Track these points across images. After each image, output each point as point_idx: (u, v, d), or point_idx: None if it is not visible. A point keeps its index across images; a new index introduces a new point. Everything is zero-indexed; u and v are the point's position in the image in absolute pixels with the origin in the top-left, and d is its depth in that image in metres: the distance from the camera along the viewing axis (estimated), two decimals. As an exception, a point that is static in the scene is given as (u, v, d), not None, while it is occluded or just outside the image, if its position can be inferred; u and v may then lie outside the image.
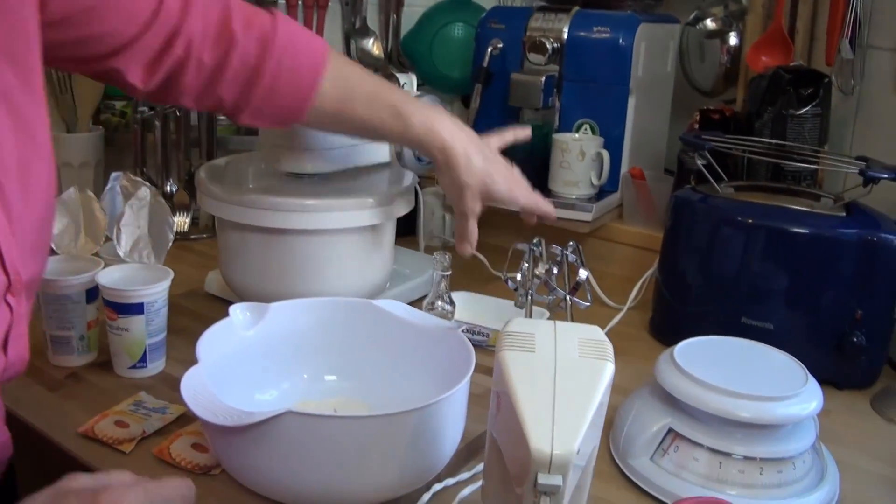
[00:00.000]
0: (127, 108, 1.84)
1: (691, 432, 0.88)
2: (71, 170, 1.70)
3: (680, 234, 1.22)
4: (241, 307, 0.97)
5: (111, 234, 1.13)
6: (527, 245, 1.15)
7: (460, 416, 0.86)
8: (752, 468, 0.86)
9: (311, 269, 1.13)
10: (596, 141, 1.45)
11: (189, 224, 1.65)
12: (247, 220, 1.10)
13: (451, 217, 1.63)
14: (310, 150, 1.14)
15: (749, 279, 1.14)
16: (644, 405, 0.94)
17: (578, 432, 0.61)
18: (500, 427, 0.69)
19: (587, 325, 0.71)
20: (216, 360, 0.88)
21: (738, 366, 0.93)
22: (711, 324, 1.15)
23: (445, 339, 0.94)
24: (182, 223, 1.64)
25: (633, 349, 1.22)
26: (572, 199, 1.45)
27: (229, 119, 1.01)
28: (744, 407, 0.86)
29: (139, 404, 1.00)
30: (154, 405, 1.00)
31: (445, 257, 1.11)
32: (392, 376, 0.99)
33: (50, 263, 1.11)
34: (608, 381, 0.66)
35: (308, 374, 1.01)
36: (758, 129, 1.38)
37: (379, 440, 0.78)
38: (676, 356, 0.92)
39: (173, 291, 1.33)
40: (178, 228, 1.63)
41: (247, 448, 0.79)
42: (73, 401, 1.01)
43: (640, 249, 1.48)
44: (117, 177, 1.22)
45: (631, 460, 0.91)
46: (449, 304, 1.12)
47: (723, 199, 1.19)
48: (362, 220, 1.13)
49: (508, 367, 0.66)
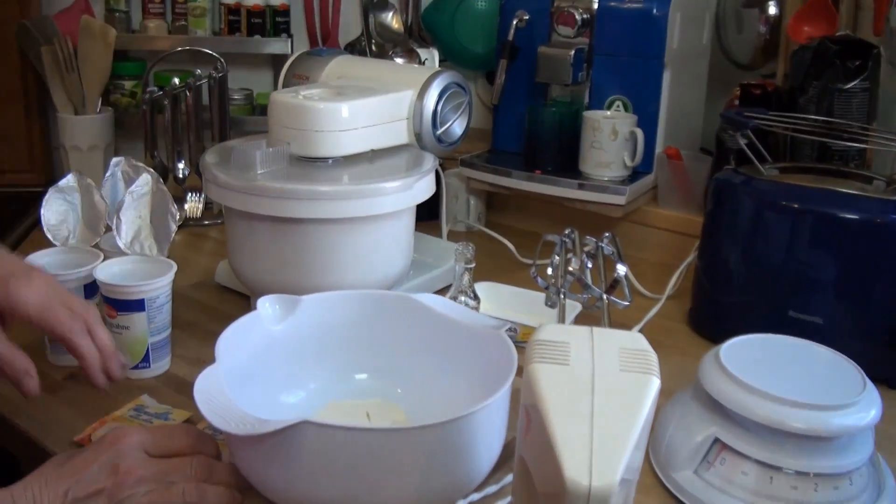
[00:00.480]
0: (137, 87, 1.77)
1: (739, 443, 0.81)
2: (79, 153, 1.65)
3: (721, 220, 1.14)
4: (270, 300, 0.92)
5: (111, 224, 1.05)
6: (558, 237, 1.07)
7: (499, 427, 0.79)
8: (805, 484, 0.78)
9: (324, 261, 1.06)
10: (629, 119, 1.38)
11: (202, 209, 1.59)
12: (255, 208, 1.03)
13: (477, 200, 1.56)
14: (323, 133, 1.07)
15: (795, 269, 1.06)
16: (687, 411, 0.87)
17: (620, 460, 0.54)
18: (530, 449, 0.61)
19: (628, 333, 0.63)
20: (238, 359, 0.84)
21: (790, 369, 0.86)
22: (755, 317, 1.10)
23: (486, 339, 0.88)
24: (195, 208, 1.58)
25: (671, 343, 1.16)
26: (604, 181, 1.39)
27: None
28: (797, 416, 0.78)
29: (140, 409, 0.93)
30: (156, 410, 0.93)
31: (468, 248, 1.03)
32: (427, 377, 0.93)
33: (47, 256, 1.05)
34: (653, 397, 0.58)
35: (338, 374, 0.95)
36: (802, 105, 1.30)
37: (407, 454, 0.72)
38: (723, 358, 0.85)
39: (183, 282, 1.28)
40: (190, 214, 1.58)
41: (262, 457, 0.74)
42: (71, 405, 0.95)
43: (677, 234, 1.41)
44: (118, 162, 1.14)
45: (674, 473, 0.84)
46: (472, 298, 1.05)
47: (767, 181, 1.11)
48: (380, 207, 1.06)
49: (540, 383, 0.58)
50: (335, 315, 0.95)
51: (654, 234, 1.45)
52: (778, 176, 1.13)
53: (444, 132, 1.18)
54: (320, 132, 1.07)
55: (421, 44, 1.66)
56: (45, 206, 1.08)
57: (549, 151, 1.44)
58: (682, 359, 1.08)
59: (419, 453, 0.72)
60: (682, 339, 1.17)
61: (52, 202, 1.08)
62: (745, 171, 1.13)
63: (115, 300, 0.97)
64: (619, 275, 1.01)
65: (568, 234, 1.08)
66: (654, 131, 1.41)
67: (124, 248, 1.04)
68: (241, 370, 0.85)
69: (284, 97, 1.08)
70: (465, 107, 1.21)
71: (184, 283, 1.28)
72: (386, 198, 1.06)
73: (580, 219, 1.38)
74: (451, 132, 1.20)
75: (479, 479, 0.79)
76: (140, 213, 1.06)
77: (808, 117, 1.21)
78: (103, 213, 1.09)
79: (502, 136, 1.56)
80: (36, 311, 0.82)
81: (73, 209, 1.10)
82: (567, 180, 1.39)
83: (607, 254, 1.07)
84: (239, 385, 0.81)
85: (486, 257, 1.41)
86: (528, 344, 0.62)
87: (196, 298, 1.24)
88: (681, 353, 1.11)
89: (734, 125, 1.16)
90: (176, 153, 1.57)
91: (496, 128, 1.57)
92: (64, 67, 1.60)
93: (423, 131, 1.16)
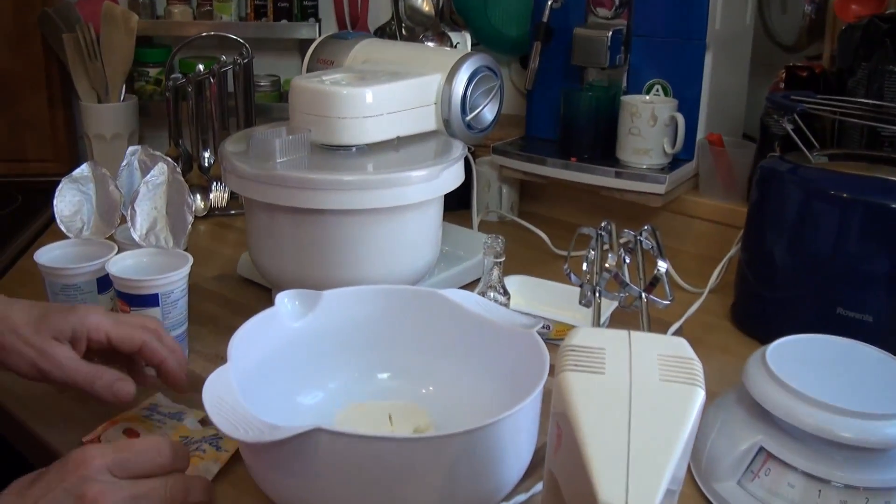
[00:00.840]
0: (162, 74, 1.73)
1: (786, 453, 0.75)
2: (103, 142, 1.62)
3: (766, 210, 1.08)
4: (289, 295, 0.87)
5: (126, 215, 1.01)
6: (593, 230, 1.01)
7: (529, 433, 0.74)
8: (856, 499, 0.73)
9: (347, 254, 1.02)
10: (669, 103, 1.33)
11: (227, 199, 1.55)
12: (275, 199, 0.99)
13: (509, 189, 1.51)
14: (346, 119, 1.02)
15: (845, 262, 1.00)
16: (730, 417, 0.81)
17: (660, 482, 0.48)
18: (560, 465, 0.56)
19: (669, 338, 0.58)
20: (254, 357, 0.81)
21: (839, 372, 0.80)
22: (800, 314, 1.05)
23: (517, 337, 0.83)
24: (220, 198, 1.54)
25: (712, 340, 1.10)
26: (643, 168, 1.34)
27: None
28: (847, 426, 0.72)
29: (153, 408, 0.89)
30: (170, 410, 0.89)
31: (498, 241, 0.98)
32: (454, 377, 0.89)
33: (58, 248, 1.01)
34: (697, 411, 0.52)
35: (359, 373, 0.91)
36: (851, 88, 1.24)
37: (428, 464, 0.67)
38: (769, 360, 0.79)
39: (205, 274, 1.24)
40: (215, 204, 1.54)
41: (274, 465, 0.70)
42: (81, 404, 0.91)
43: (719, 225, 1.36)
44: (135, 151, 1.11)
45: (715, 483, 0.78)
46: (502, 294, 0.99)
47: (815, 169, 1.05)
48: (406, 197, 1.01)
49: (572, 394, 0.53)
50: (357, 311, 0.90)
51: (694, 225, 1.39)
52: (826, 164, 1.07)
53: (473, 118, 1.13)
54: (343, 119, 1.02)
55: (453, 27, 1.62)
56: (58, 197, 1.04)
57: (585, 138, 1.39)
58: (724, 357, 1.03)
59: (442, 463, 0.67)
60: (724, 335, 1.12)
61: (65, 192, 1.05)
62: (792, 159, 1.08)
63: (128, 294, 0.93)
64: (660, 272, 0.95)
65: (604, 226, 1.02)
66: (695, 116, 1.35)
67: (139, 240, 1.01)
68: (257, 369, 0.81)
69: (306, 82, 1.04)
70: (497, 91, 1.16)
71: (206, 274, 1.25)
72: (412, 187, 1.01)
73: (617, 208, 1.32)
74: (482, 118, 1.15)
75: (508, 489, 0.74)
76: (156, 203, 1.02)
77: (858, 101, 1.15)
78: (118, 203, 1.06)
79: (536, 122, 1.51)
80: (114, 330, 0.82)
81: (87, 200, 1.06)
82: (604, 168, 1.35)
83: (646, 248, 1.01)
84: (254, 385, 0.78)
85: (519, 248, 1.37)
86: (560, 349, 0.57)
87: (217, 291, 1.20)
88: (722, 351, 1.06)
89: (781, 109, 1.10)
90: (201, 142, 1.53)
91: (530, 114, 1.52)
92: (86, 55, 1.57)
93: (452, 117, 1.11)
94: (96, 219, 1.06)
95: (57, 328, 0.81)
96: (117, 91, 1.62)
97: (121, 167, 1.10)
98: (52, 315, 0.82)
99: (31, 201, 1.57)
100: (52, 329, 0.81)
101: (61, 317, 0.82)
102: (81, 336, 0.82)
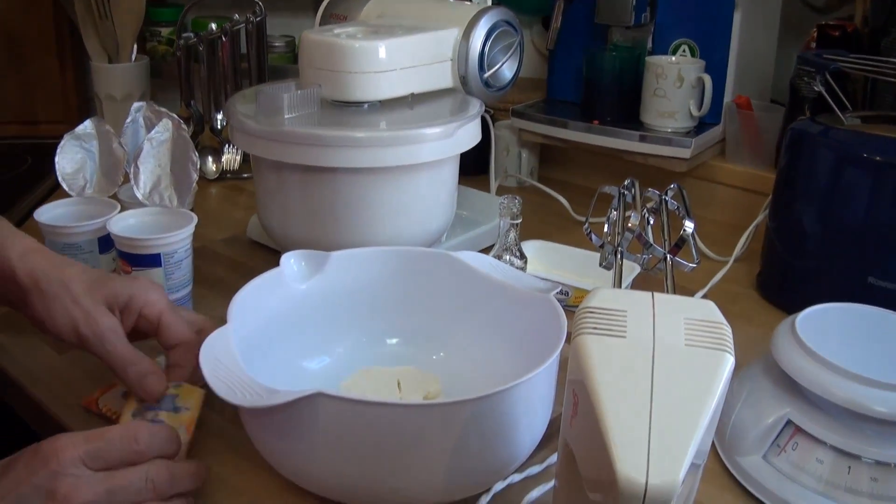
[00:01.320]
0: (174, 34, 1.69)
1: (814, 427, 0.71)
2: (113, 103, 1.58)
3: (796, 175, 1.03)
4: (296, 256, 0.84)
5: (129, 173, 0.98)
6: (616, 188, 0.97)
7: (544, 401, 0.71)
8: (888, 476, 0.68)
9: (358, 215, 0.98)
10: (696, 64, 1.28)
11: (240, 161, 1.51)
12: (283, 156, 0.95)
13: (529, 154, 1.46)
14: (357, 74, 0.98)
15: (878, 231, 0.96)
16: (757, 388, 0.77)
17: (684, 456, 0.45)
18: (576, 436, 0.52)
19: (697, 300, 0.54)
20: (258, 320, 0.78)
21: (872, 343, 0.75)
22: (830, 283, 1.01)
23: (533, 302, 0.79)
24: (232, 160, 1.50)
25: (738, 310, 1.06)
26: (668, 132, 1.30)
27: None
28: (880, 399, 0.68)
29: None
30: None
31: (515, 202, 0.94)
32: (466, 343, 0.86)
33: (60, 207, 0.98)
34: (725, 378, 0.48)
35: (368, 338, 0.88)
36: (884, 48, 1.20)
37: (436, 432, 0.63)
38: (799, 329, 0.75)
39: (214, 237, 1.21)
40: (227, 166, 1.50)
41: (274, 431, 0.67)
42: (79, 366, 0.88)
43: (746, 192, 1.32)
44: (139, 107, 1.07)
45: (739, 457, 0.74)
46: (519, 257, 0.95)
47: (848, 131, 1.00)
48: (419, 156, 0.97)
49: (590, 359, 0.49)
50: (366, 273, 0.87)
51: (720, 191, 1.35)
52: (860, 126, 1.02)
53: (491, 75, 1.08)
54: (355, 74, 0.98)
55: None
56: (59, 154, 1.01)
57: (609, 100, 1.34)
58: (750, 328, 0.99)
59: (451, 432, 0.63)
60: (750, 306, 1.08)
61: (67, 149, 1.01)
62: (824, 121, 1.03)
63: (130, 254, 0.90)
64: (686, 232, 0.90)
65: (627, 185, 0.98)
66: (722, 78, 1.31)
67: (142, 198, 0.97)
68: (261, 333, 0.78)
69: (316, 35, 0.99)
70: (516, 48, 1.11)
71: (215, 237, 1.22)
72: (426, 145, 0.96)
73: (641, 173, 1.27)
74: (500, 76, 1.11)
75: (521, 460, 0.71)
76: (160, 161, 0.98)
77: (892, 60, 1.09)
78: (122, 161, 1.02)
79: (558, 84, 1.47)
80: (169, 314, 0.77)
81: (90, 157, 1.03)
82: (627, 132, 1.30)
83: (672, 208, 0.96)
84: (257, 349, 0.75)
85: (538, 214, 1.33)
86: (578, 311, 0.53)
87: (226, 254, 1.17)
88: (748, 321, 1.02)
89: (813, 68, 1.05)
90: (213, 103, 1.49)
91: (551, 75, 1.48)
92: (97, 14, 1.53)
93: (469, 74, 1.06)
94: (99, 177, 1.03)
95: (113, 292, 0.75)
96: (128, 51, 1.58)
97: (126, 124, 1.06)
98: (110, 280, 0.76)
99: (40, 163, 1.54)
100: (108, 293, 0.75)
101: (121, 283, 0.76)
102: (135, 308, 0.76)
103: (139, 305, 0.76)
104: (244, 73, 1.50)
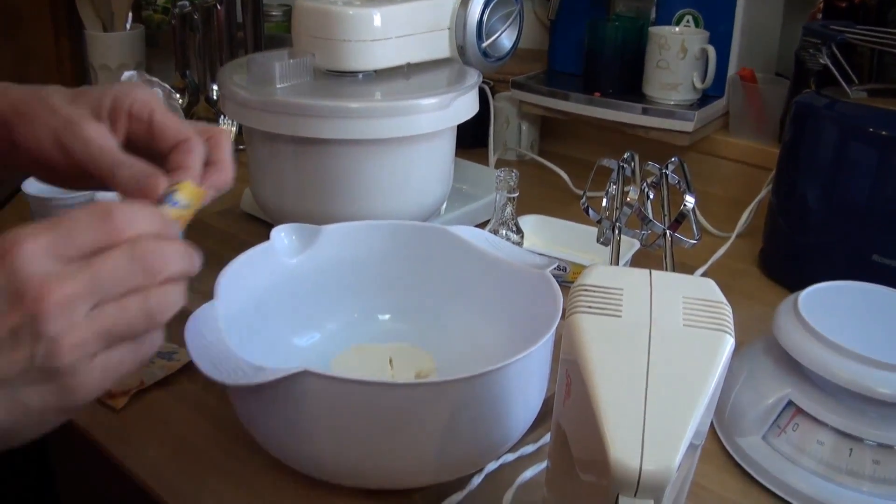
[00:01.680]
0: (169, 3, 1.67)
1: (816, 407, 0.70)
2: (108, 72, 1.57)
3: (800, 149, 1.02)
4: (286, 230, 0.83)
5: (118, 143, 0.96)
6: (615, 161, 0.94)
7: (539, 380, 0.69)
8: (891, 459, 0.67)
9: (352, 188, 0.96)
10: (700, 35, 1.25)
11: (236, 133, 1.48)
12: (274, 127, 0.93)
13: (529, 126, 1.44)
14: (351, 43, 0.96)
15: (883, 207, 0.94)
16: (757, 367, 0.76)
17: (680, 439, 0.43)
18: (569, 417, 0.50)
19: (696, 278, 0.52)
20: (247, 296, 0.76)
21: (876, 323, 0.74)
22: (834, 261, 0.99)
23: (529, 278, 0.78)
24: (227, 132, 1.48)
25: (739, 287, 1.04)
26: (670, 104, 1.28)
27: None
28: (884, 380, 0.66)
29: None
30: (161, 349, 0.84)
31: (511, 175, 0.92)
32: (461, 320, 0.85)
33: (47, 178, 0.95)
34: (724, 360, 0.46)
35: (360, 314, 0.87)
36: (892, 20, 1.17)
37: (427, 412, 0.62)
38: (801, 307, 0.73)
39: (208, 209, 1.17)
40: (223, 137, 1.47)
41: (261, 410, 0.65)
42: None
43: (749, 166, 1.30)
44: (130, 76, 1.05)
45: (738, 438, 0.73)
46: (515, 232, 0.93)
47: (854, 104, 0.99)
48: (415, 127, 0.95)
49: (584, 338, 0.47)
50: (359, 248, 0.85)
51: (723, 166, 1.33)
52: (866, 99, 1.00)
53: (490, 45, 1.06)
54: (349, 42, 0.95)
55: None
56: (48, 123, 0.99)
57: (611, 72, 1.32)
58: (752, 305, 0.97)
59: (442, 411, 0.61)
60: (752, 283, 1.06)
61: (55, 118, 0.99)
62: (829, 94, 1.01)
63: (118, 226, 0.88)
64: (687, 207, 0.88)
65: (627, 158, 0.96)
66: (727, 50, 1.28)
67: (131, 169, 0.95)
68: (250, 309, 0.76)
69: (310, 2, 0.97)
70: (516, 17, 1.09)
71: (208, 209, 1.19)
72: (422, 116, 0.94)
73: (643, 147, 1.26)
74: (499, 45, 1.08)
75: (514, 440, 0.69)
76: (149, 131, 0.96)
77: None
78: (112, 131, 1.00)
79: (559, 55, 1.45)
80: (161, 112, 0.64)
81: (79, 127, 1.01)
82: (630, 104, 1.28)
83: (672, 182, 0.94)
84: (245, 325, 0.73)
85: (538, 188, 1.31)
86: (572, 289, 0.51)
87: (219, 227, 1.15)
88: (749, 299, 1.01)
89: (820, 39, 1.03)
90: (208, 73, 1.47)
91: (552, 46, 1.45)
92: (91, -21, 1.51)
93: (467, 43, 1.04)
94: (88, 147, 1.01)
95: (96, 99, 0.64)
96: (123, 20, 1.56)
97: (115, 93, 1.04)
98: (93, 89, 0.66)
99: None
100: (90, 101, 0.64)
101: (100, 89, 0.65)
102: (122, 108, 0.64)
103: (126, 105, 0.64)
104: (240, 43, 1.48)
